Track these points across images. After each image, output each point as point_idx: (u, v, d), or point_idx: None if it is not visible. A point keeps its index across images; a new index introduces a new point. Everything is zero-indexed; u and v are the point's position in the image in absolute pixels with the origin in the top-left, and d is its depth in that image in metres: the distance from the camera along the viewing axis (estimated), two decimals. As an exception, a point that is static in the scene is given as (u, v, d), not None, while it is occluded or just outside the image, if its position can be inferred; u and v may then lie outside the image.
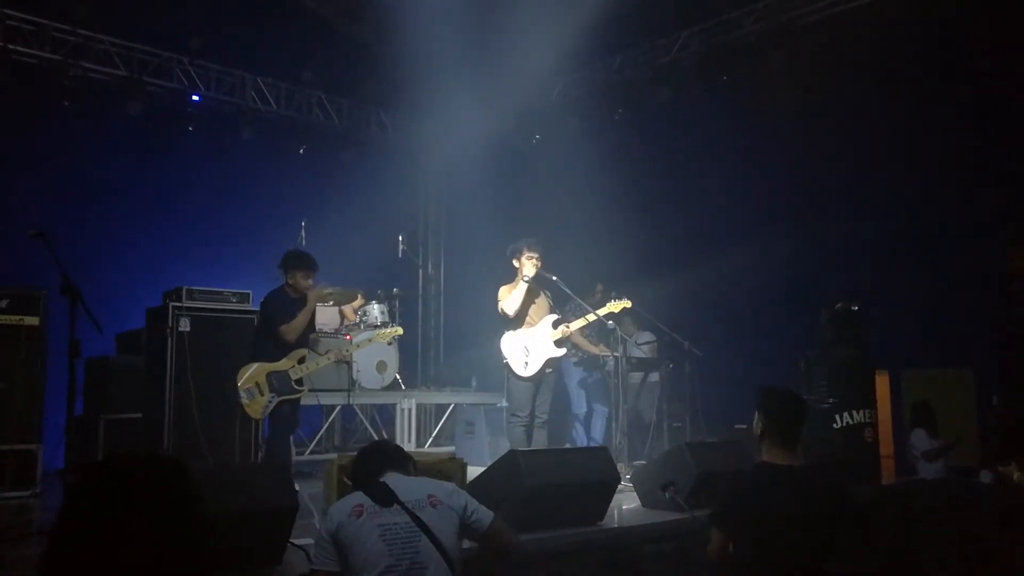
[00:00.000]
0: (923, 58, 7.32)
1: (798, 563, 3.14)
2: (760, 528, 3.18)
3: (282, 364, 5.70)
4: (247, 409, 5.64)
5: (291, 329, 5.72)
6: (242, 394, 5.61)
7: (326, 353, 6.09)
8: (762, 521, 3.18)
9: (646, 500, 5.10)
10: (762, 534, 3.18)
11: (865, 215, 7.83)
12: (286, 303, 5.81)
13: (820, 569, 3.20)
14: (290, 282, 5.88)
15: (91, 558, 1.40)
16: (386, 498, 2.77)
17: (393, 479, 2.92)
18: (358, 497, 2.82)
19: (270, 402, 5.63)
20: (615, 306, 6.43)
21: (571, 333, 6.34)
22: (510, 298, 6.17)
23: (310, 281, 5.89)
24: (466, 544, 3.09)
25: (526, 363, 6.11)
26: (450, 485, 3.06)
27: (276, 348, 5.73)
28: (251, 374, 5.65)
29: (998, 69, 7.01)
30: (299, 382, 5.74)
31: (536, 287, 6.24)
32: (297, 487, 5.45)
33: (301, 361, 5.78)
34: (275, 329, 5.72)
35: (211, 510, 3.07)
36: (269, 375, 5.65)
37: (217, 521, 3.15)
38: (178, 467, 1.56)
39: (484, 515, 3.01)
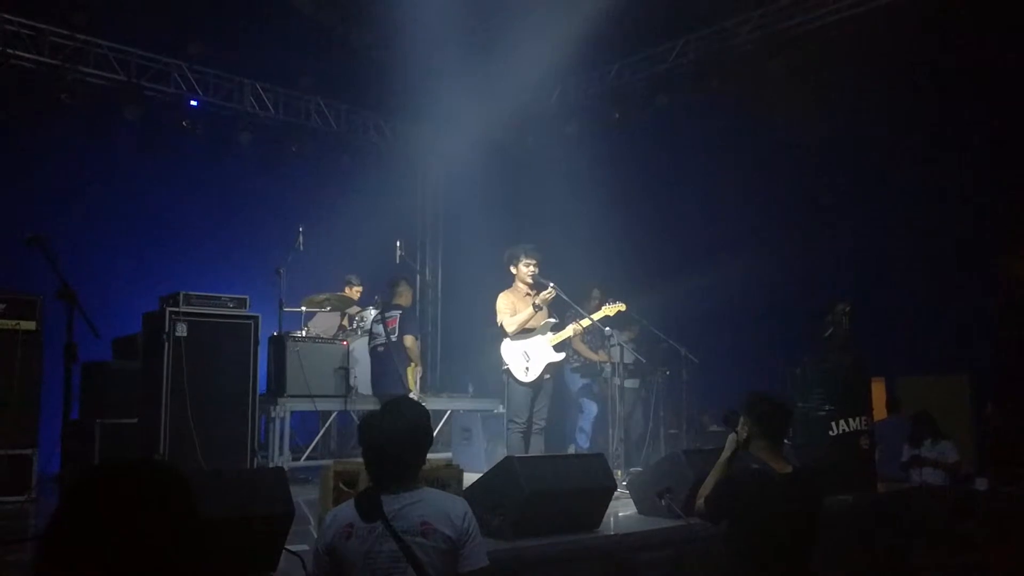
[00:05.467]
0: (919, 66, 7.36)
1: (785, 562, 3.23)
2: (753, 530, 3.26)
3: None
4: None
5: None
6: None
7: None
8: (756, 523, 3.25)
9: (642, 507, 5.10)
10: (754, 536, 3.26)
11: (861, 223, 7.86)
12: None
13: (805, 568, 3.25)
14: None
15: (85, 564, 1.40)
16: (375, 520, 2.50)
17: (389, 497, 2.57)
18: (350, 513, 2.55)
19: None
20: (610, 309, 6.36)
21: (572, 339, 6.35)
22: (514, 320, 6.10)
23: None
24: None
25: (527, 368, 6.11)
26: (455, 506, 2.65)
27: None
28: None
29: (993, 77, 7.04)
30: None
31: (534, 294, 6.23)
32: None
33: None
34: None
35: (206, 516, 3.04)
36: None
37: (212, 527, 3.14)
38: (173, 473, 1.56)
39: (476, 557, 2.56)
